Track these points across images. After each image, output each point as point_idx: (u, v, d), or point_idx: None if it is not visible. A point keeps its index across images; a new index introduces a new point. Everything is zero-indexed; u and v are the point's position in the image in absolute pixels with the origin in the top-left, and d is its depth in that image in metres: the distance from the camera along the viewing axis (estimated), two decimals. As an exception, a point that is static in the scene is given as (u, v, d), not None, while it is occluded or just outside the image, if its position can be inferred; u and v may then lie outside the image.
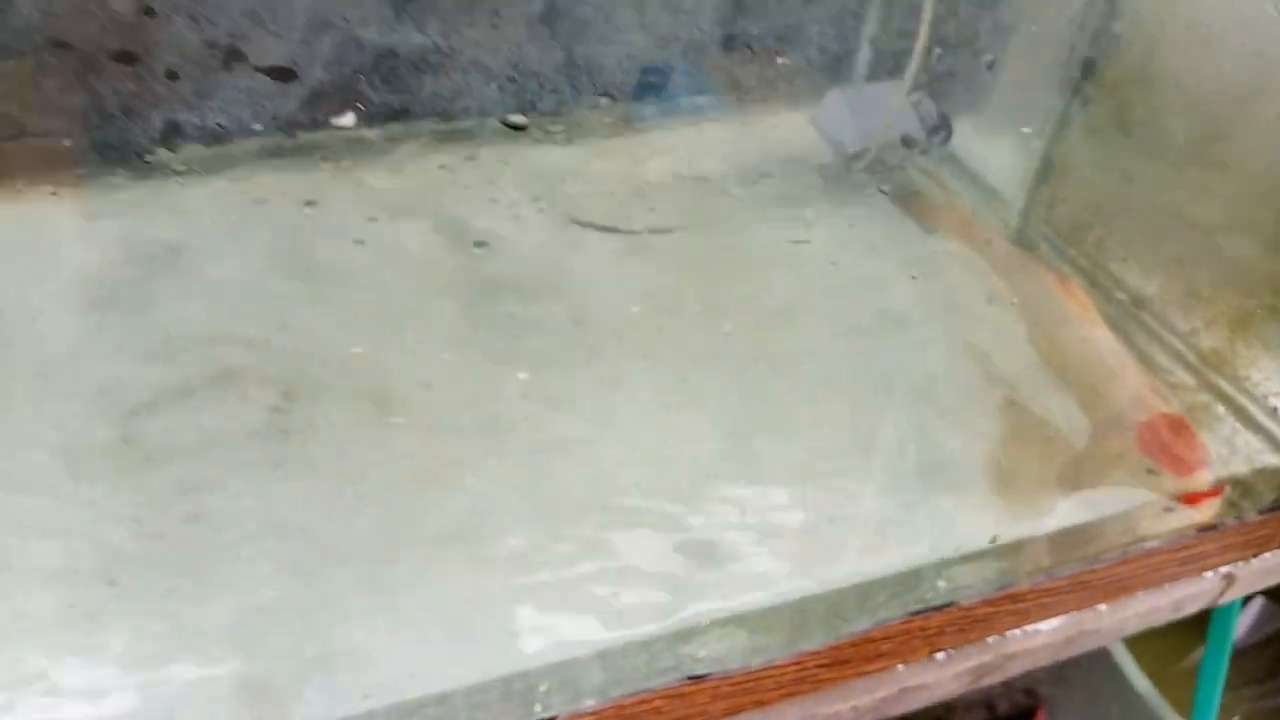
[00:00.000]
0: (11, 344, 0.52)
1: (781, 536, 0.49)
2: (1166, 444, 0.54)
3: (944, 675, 0.48)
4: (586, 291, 0.63)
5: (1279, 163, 0.52)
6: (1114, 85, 0.62)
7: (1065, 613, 0.50)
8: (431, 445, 0.50)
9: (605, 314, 0.62)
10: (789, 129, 0.78)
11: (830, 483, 0.53)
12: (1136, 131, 0.61)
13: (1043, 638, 0.51)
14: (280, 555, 0.43)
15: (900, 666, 0.46)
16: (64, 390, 0.50)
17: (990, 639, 0.49)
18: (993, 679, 0.52)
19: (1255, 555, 0.55)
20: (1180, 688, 0.78)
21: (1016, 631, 0.49)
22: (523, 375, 0.56)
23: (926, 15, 0.67)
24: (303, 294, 0.59)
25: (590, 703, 0.38)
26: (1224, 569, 0.54)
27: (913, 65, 0.69)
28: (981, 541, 0.49)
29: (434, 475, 0.49)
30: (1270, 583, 0.59)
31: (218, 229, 0.62)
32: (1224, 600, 0.57)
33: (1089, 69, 0.64)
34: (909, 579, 0.46)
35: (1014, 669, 0.52)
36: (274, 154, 0.67)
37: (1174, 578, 0.53)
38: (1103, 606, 0.51)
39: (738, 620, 0.42)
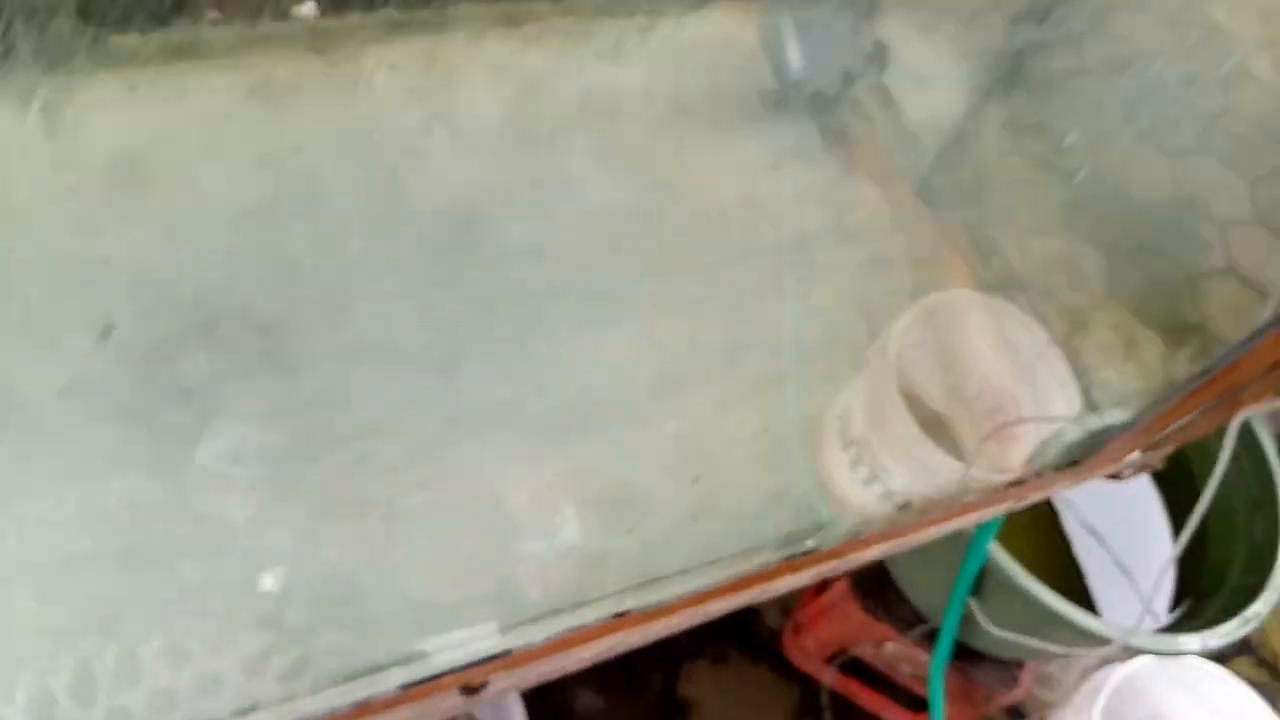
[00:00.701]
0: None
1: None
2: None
3: (796, 580, 0.65)
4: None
5: (1133, 222, 0.62)
6: (1036, 81, 0.68)
7: (894, 539, 0.67)
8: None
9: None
10: (740, 48, 0.80)
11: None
12: (1046, 129, 0.68)
13: (873, 554, 0.68)
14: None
15: (770, 584, 0.62)
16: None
17: (836, 560, 0.65)
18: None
19: (1042, 491, 0.73)
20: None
21: (858, 554, 0.66)
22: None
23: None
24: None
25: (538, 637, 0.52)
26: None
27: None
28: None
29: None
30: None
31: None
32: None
33: (1019, 59, 0.69)
34: (792, 537, 0.61)
35: (850, 568, 0.71)
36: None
37: (979, 509, 0.70)
38: (918, 533, 0.68)
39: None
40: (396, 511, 0.57)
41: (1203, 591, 1.01)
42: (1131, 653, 1.03)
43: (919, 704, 1.15)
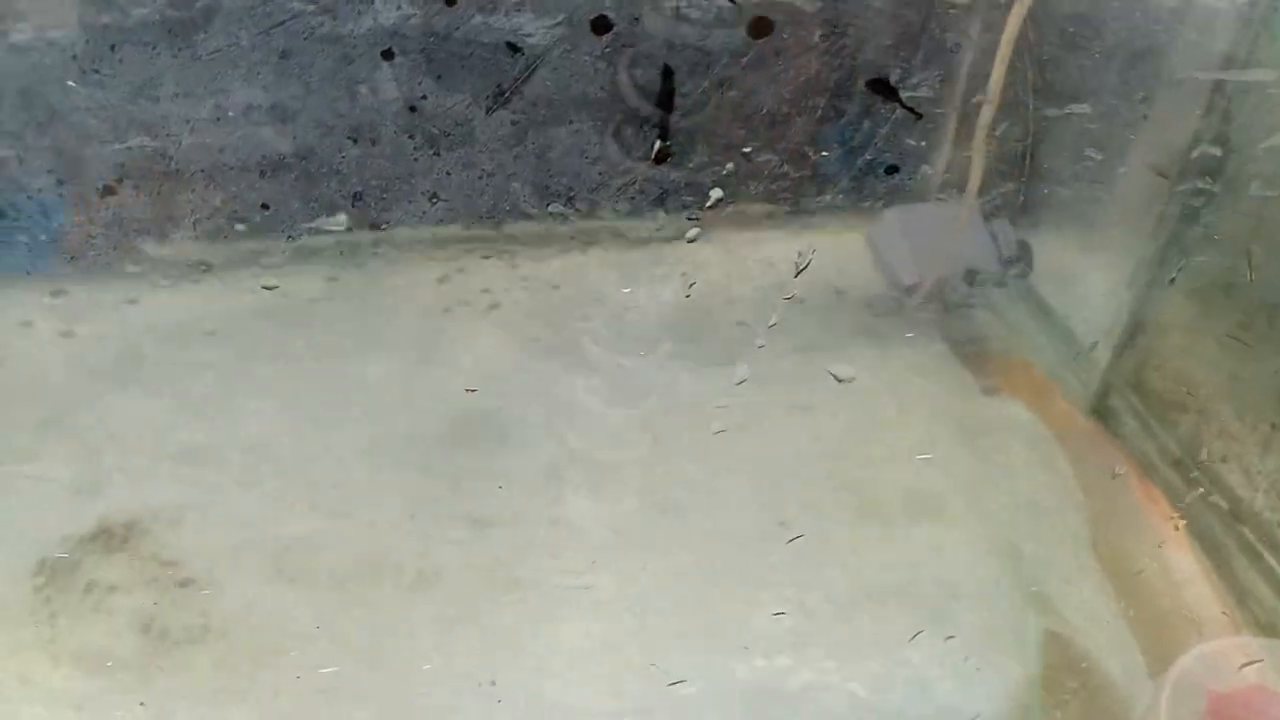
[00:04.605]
0: None
1: None
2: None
3: None
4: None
5: None
6: (1224, 229, 0.50)
7: None
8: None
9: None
10: (843, 249, 0.69)
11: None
12: (1250, 291, 0.48)
13: None
14: None
15: None
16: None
17: None
18: None
19: None
20: None
21: None
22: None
23: (986, 117, 0.56)
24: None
25: None
26: None
27: (973, 180, 0.59)
28: None
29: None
30: None
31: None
32: None
33: (1195, 209, 0.51)
34: None
35: None
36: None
37: None
38: None
39: None
40: None
41: None
42: None
43: None
